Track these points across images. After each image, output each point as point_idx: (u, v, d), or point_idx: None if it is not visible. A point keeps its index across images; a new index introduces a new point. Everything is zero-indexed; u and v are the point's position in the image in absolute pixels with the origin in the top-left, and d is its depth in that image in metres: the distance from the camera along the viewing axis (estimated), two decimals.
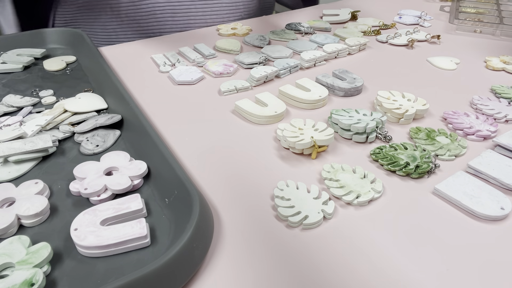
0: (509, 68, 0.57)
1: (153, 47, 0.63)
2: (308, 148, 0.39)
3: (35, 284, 0.25)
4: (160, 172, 0.35)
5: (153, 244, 0.29)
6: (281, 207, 0.32)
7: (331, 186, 0.35)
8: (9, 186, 0.33)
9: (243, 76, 0.54)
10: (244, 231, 0.31)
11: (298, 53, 0.60)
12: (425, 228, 0.32)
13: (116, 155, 0.37)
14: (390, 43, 0.66)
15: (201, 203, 0.29)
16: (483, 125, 0.43)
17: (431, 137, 0.41)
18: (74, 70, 0.55)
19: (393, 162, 0.37)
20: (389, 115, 0.45)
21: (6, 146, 0.36)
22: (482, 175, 0.37)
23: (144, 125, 0.38)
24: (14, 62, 0.54)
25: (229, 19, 0.76)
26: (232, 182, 0.36)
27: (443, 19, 0.78)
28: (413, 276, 0.28)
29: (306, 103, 0.47)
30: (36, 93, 0.48)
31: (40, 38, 0.60)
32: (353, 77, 0.52)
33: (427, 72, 0.57)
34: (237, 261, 0.29)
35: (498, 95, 0.50)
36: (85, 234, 0.28)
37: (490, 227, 0.32)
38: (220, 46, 0.61)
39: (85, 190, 0.32)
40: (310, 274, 0.28)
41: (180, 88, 0.51)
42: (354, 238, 0.31)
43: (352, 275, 0.28)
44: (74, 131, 0.41)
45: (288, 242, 0.30)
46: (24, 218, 0.30)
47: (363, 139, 0.41)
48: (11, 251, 0.27)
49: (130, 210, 0.31)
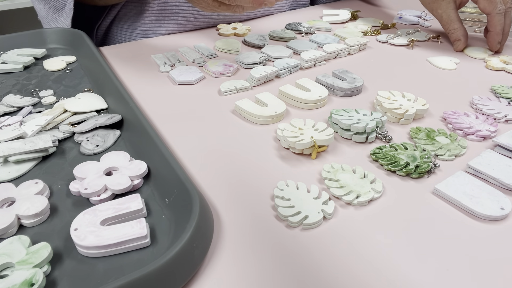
0: (509, 68, 0.57)
1: (153, 47, 0.63)
2: (308, 148, 0.39)
3: (35, 284, 0.25)
4: (160, 172, 0.35)
5: (153, 244, 0.29)
6: (281, 207, 0.32)
7: (331, 186, 0.35)
8: (9, 186, 0.33)
9: (243, 76, 0.54)
10: (244, 231, 0.31)
11: (298, 53, 0.60)
12: (425, 228, 0.32)
13: (116, 155, 0.37)
14: (390, 43, 0.66)
15: (201, 203, 0.29)
16: (483, 125, 0.43)
17: (431, 137, 0.41)
18: (74, 70, 0.55)
19: (393, 162, 0.37)
20: (389, 115, 0.45)
21: (6, 146, 0.36)
22: (482, 175, 0.37)
23: (144, 125, 0.38)
24: (14, 62, 0.54)
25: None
26: (232, 182, 0.36)
27: None
28: (413, 276, 0.28)
29: (306, 103, 0.47)
30: (36, 93, 0.48)
31: (40, 38, 0.60)
32: (353, 77, 0.52)
33: (427, 72, 0.57)
34: (237, 261, 0.29)
35: (498, 95, 0.50)
36: (85, 234, 0.28)
37: (490, 227, 0.32)
38: (220, 46, 0.61)
39: (85, 190, 0.32)
40: (310, 274, 0.28)
41: (180, 88, 0.51)
42: (354, 238, 0.31)
43: (352, 275, 0.28)
44: (74, 131, 0.41)
45: (288, 242, 0.30)
46: (24, 218, 0.30)
47: (363, 139, 0.41)
48: (11, 251, 0.27)
49: (130, 210, 0.31)
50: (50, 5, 0.64)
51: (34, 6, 0.67)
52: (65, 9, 0.63)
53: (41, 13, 0.66)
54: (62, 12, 0.64)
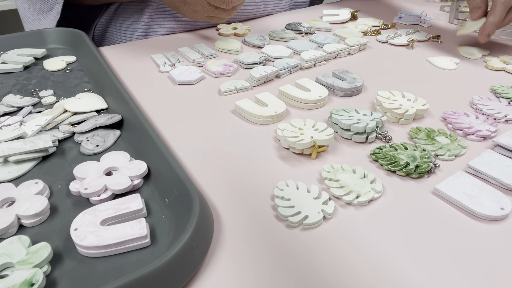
0: (509, 68, 0.57)
1: (153, 47, 0.63)
2: (308, 148, 0.39)
3: (35, 284, 0.25)
4: (160, 172, 0.35)
5: (153, 244, 0.29)
6: (281, 207, 0.32)
7: (331, 186, 0.35)
8: (9, 186, 0.33)
9: (243, 76, 0.54)
10: (244, 231, 0.31)
11: (298, 53, 0.60)
12: (425, 228, 0.32)
13: (116, 155, 0.37)
14: (390, 43, 0.66)
15: (201, 203, 0.29)
16: (483, 125, 0.43)
17: (431, 137, 0.41)
18: (74, 70, 0.55)
19: (393, 162, 0.37)
20: (389, 115, 0.45)
21: (6, 146, 0.36)
22: (482, 175, 0.37)
23: (144, 125, 0.38)
24: (14, 62, 0.54)
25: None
26: (232, 182, 0.36)
27: (443, 19, 0.78)
28: (413, 276, 0.28)
29: (306, 103, 0.47)
30: (36, 93, 0.48)
31: (40, 38, 0.60)
32: (353, 77, 0.52)
33: (427, 72, 0.57)
34: (237, 261, 0.29)
35: (498, 95, 0.50)
36: (85, 234, 0.28)
37: (490, 227, 0.32)
38: (220, 46, 0.61)
39: (85, 190, 0.32)
40: (310, 274, 0.28)
41: (180, 88, 0.51)
42: (354, 238, 0.31)
43: (352, 275, 0.28)
44: (74, 131, 0.41)
45: (288, 242, 0.30)
46: (24, 218, 0.30)
47: (363, 139, 0.41)
48: (11, 251, 0.27)
49: (130, 210, 0.31)
50: (36, 6, 0.64)
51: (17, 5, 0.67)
52: (52, 12, 0.63)
53: (24, 13, 0.66)
54: (48, 14, 0.63)
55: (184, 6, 0.58)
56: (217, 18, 0.60)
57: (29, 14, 0.65)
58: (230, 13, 0.59)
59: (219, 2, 0.56)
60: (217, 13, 0.58)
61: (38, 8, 0.64)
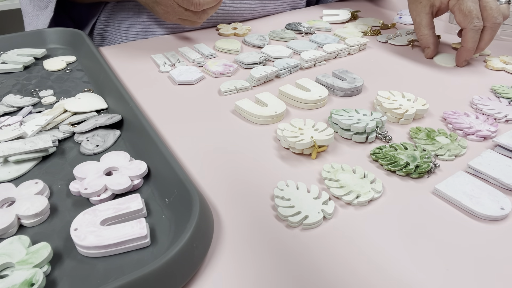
0: (509, 68, 0.57)
1: (153, 47, 0.63)
2: (308, 148, 0.39)
3: (35, 284, 0.25)
4: (160, 172, 0.35)
5: (153, 244, 0.29)
6: (281, 207, 0.32)
7: (331, 186, 0.35)
8: (9, 186, 0.33)
9: (243, 76, 0.54)
10: (244, 231, 0.31)
11: (298, 53, 0.60)
12: (425, 228, 0.32)
13: (116, 155, 0.37)
14: (390, 43, 0.66)
15: (201, 203, 0.29)
16: (483, 125, 0.43)
17: (431, 137, 0.41)
18: (74, 70, 0.55)
19: (393, 162, 0.37)
20: (389, 115, 0.45)
21: (6, 146, 0.36)
22: (482, 175, 0.37)
23: (144, 125, 0.38)
24: (14, 62, 0.54)
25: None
26: (232, 182, 0.36)
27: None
28: (413, 276, 0.28)
29: (306, 103, 0.47)
30: (36, 93, 0.48)
31: (40, 38, 0.60)
32: (353, 77, 0.52)
33: (427, 72, 0.57)
34: (237, 261, 0.29)
35: (498, 95, 0.50)
36: (85, 234, 0.28)
37: (490, 227, 0.32)
38: (220, 46, 0.61)
39: (85, 190, 0.32)
40: (310, 274, 0.28)
41: (180, 88, 0.51)
42: (354, 238, 0.31)
43: (352, 275, 0.28)
44: (74, 131, 0.41)
45: (288, 242, 0.30)
46: (24, 218, 0.30)
47: (363, 139, 0.41)
48: (11, 251, 0.27)
49: (130, 210, 0.31)
50: (34, 2, 0.66)
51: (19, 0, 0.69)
52: (47, 10, 0.64)
53: (25, 8, 0.68)
54: (44, 11, 0.65)
55: (157, 6, 0.58)
56: (189, 22, 0.60)
57: (29, 9, 0.67)
58: (201, 17, 0.58)
59: (188, 4, 0.55)
60: (188, 15, 0.58)
61: (36, 5, 0.66)
